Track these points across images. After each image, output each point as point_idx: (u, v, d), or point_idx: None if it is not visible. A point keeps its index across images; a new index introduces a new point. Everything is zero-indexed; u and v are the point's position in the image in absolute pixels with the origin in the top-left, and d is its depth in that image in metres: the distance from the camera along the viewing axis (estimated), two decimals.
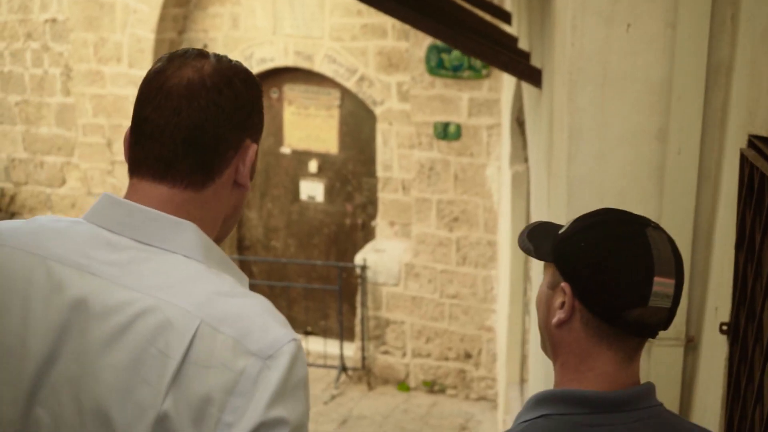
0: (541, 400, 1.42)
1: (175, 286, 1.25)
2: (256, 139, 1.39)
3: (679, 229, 2.59)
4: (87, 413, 1.24)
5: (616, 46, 2.56)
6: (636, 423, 1.39)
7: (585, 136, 2.66)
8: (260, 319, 1.24)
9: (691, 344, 2.66)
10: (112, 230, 1.31)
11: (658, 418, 1.42)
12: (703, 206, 2.58)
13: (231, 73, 1.35)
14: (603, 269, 1.37)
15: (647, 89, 2.57)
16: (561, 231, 1.48)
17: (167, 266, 1.27)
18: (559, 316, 1.42)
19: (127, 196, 1.35)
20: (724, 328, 2.28)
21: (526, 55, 4.05)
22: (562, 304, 1.42)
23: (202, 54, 1.36)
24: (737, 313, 2.21)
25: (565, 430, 1.38)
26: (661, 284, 1.37)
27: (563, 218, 2.79)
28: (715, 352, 2.41)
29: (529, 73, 3.78)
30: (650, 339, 1.46)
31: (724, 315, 2.34)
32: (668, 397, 2.68)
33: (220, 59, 1.37)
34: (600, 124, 2.63)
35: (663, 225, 2.61)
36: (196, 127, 1.31)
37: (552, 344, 1.47)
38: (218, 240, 1.39)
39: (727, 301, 2.33)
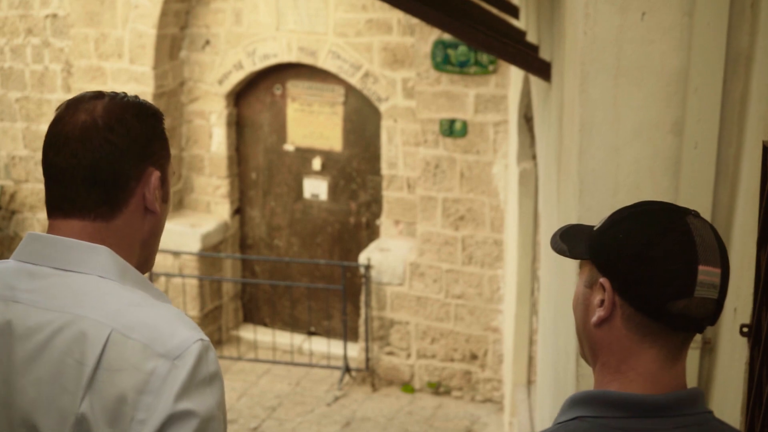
0: (577, 401, 1.35)
1: (88, 302, 1.37)
2: (162, 165, 1.50)
3: None
4: (17, 428, 1.38)
5: (630, 35, 2.50)
6: (678, 430, 1.31)
7: (597, 130, 2.58)
8: (168, 325, 1.37)
9: (708, 347, 2.58)
10: (35, 263, 1.44)
11: (705, 425, 1.34)
12: (721, 203, 2.50)
13: (122, 109, 1.46)
14: (643, 260, 1.31)
15: (663, 80, 2.50)
16: (596, 227, 1.42)
17: (82, 286, 1.40)
18: (598, 314, 1.35)
19: (47, 232, 1.48)
20: (745, 330, 2.19)
21: (534, 48, 3.95)
22: (602, 301, 1.35)
23: (97, 95, 1.49)
24: (759, 314, 2.12)
25: None
26: (707, 273, 1.30)
27: (574, 215, 2.70)
28: (734, 355, 2.32)
29: (537, 66, 3.69)
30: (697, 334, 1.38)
31: (744, 317, 2.25)
32: None
33: (114, 98, 1.48)
34: (613, 117, 2.56)
35: None
36: (92, 166, 1.43)
37: (591, 346, 1.39)
38: (144, 263, 1.53)
39: (747, 302, 2.23)
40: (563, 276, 3.10)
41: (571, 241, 1.44)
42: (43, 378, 1.36)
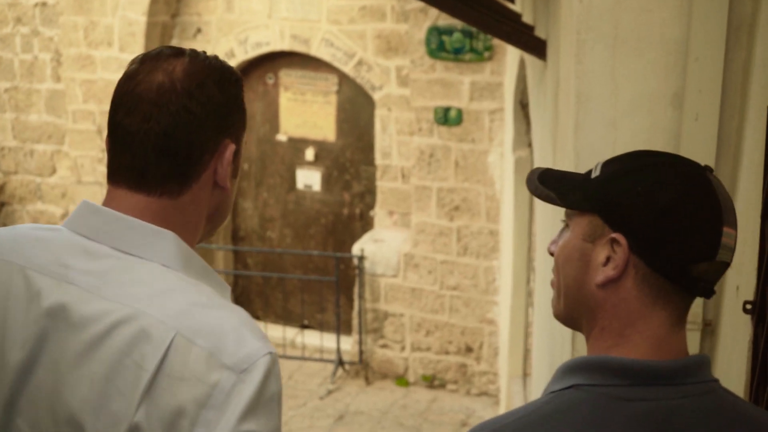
0: (573, 367, 1.23)
1: (152, 297, 1.26)
2: (237, 138, 1.39)
3: None
4: (62, 424, 1.25)
5: (628, 2, 2.43)
6: (683, 399, 1.19)
7: (594, 102, 2.50)
8: (236, 331, 1.25)
9: (709, 328, 2.50)
10: (91, 238, 1.32)
11: (712, 395, 1.22)
12: (723, 177, 2.39)
13: (204, 74, 1.34)
14: (669, 218, 1.19)
15: (662, 50, 2.42)
16: (594, 175, 1.28)
17: (145, 276, 1.28)
18: (606, 273, 1.22)
19: (105, 203, 1.35)
20: (748, 307, 2.10)
21: (530, 28, 3.85)
22: (608, 259, 1.22)
23: (176, 53, 1.35)
24: (763, 291, 2.05)
25: (597, 405, 1.18)
26: (729, 235, 1.21)
27: None
28: (737, 335, 2.24)
29: (533, 44, 3.60)
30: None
31: (747, 294, 2.16)
32: None
33: (195, 58, 1.36)
34: (610, 89, 2.48)
35: None
36: (167, 134, 1.31)
37: (590, 308, 1.26)
38: (207, 235, 1.43)
39: (750, 279, 2.15)
40: None
41: (559, 186, 1.30)
42: (97, 375, 1.24)
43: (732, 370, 2.26)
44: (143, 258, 1.30)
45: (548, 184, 1.31)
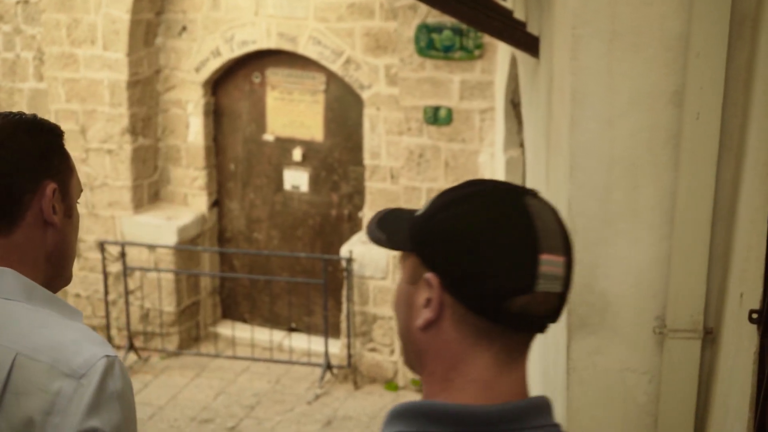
0: (398, 414, 1.15)
1: None
2: (62, 179, 1.54)
3: (696, 204, 2.35)
4: None
5: None
6: None
7: (590, 100, 2.41)
8: (74, 343, 1.40)
9: (710, 337, 2.41)
10: None
11: None
12: (725, 178, 2.33)
13: (14, 127, 1.52)
14: (477, 251, 1.11)
15: (661, 45, 2.33)
16: (420, 212, 1.20)
17: None
18: (425, 316, 1.15)
19: None
20: (754, 316, 2.01)
21: (522, 24, 3.74)
22: (428, 300, 1.15)
23: None
24: None
25: None
26: (550, 263, 1.12)
27: (564, 195, 2.50)
28: (741, 344, 2.13)
29: (525, 40, 3.49)
30: (536, 334, 1.17)
31: (752, 302, 2.06)
32: (683, 399, 2.41)
33: (7, 116, 1.54)
34: (607, 86, 2.39)
35: (679, 200, 2.37)
36: None
37: (417, 352, 1.19)
38: (57, 278, 1.56)
39: (756, 286, 2.06)
40: None
41: (391, 228, 1.22)
42: None
43: (735, 383, 2.16)
44: None
45: (383, 226, 1.23)
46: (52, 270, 1.56)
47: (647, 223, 2.40)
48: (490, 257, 1.10)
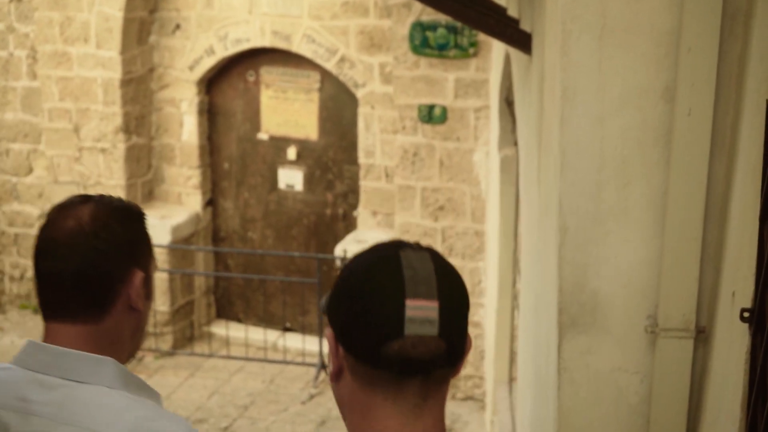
0: None
1: (104, 416, 1.47)
2: (145, 265, 1.62)
3: (688, 202, 2.32)
4: None
5: None
6: None
7: (580, 97, 2.38)
8: None
9: (702, 336, 2.38)
10: (42, 372, 1.53)
11: None
12: (717, 175, 2.30)
13: (107, 216, 1.57)
14: (352, 302, 1.21)
15: (653, 41, 2.29)
16: None
17: (95, 398, 1.50)
18: (330, 368, 1.27)
19: (45, 338, 1.58)
20: (746, 315, 1.98)
21: (515, 21, 3.71)
22: (330, 354, 1.27)
23: (85, 200, 1.60)
24: (762, 297, 1.92)
25: None
26: (417, 308, 1.18)
27: (555, 193, 2.48)
28: (732, 344, 2.11)
29: (517, 37, 3.46)
30: (424, 377, 1.22)
31: (744, 301, 2.03)
32: (675, 399, 2.38)
33: (100, 201, 1.60)
34: (597, 82, 2.36)
35: (670, 198, 2.33)
36: (80, 271, 1.53)
37: (338, 403, 1.30)
38: (132, 352, 1.66)
39: (747, 284, 2.04)
40: (544, 262, 2.87)
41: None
42: None
43: (728, 383, 2.13)
44: (90, 383, 1.52)
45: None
46: (133, 347, 1.65)
47: (638, 222, 2.37)
48: (361, 307, 1.19)
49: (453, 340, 1.21)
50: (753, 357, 1.97)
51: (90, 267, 1.54)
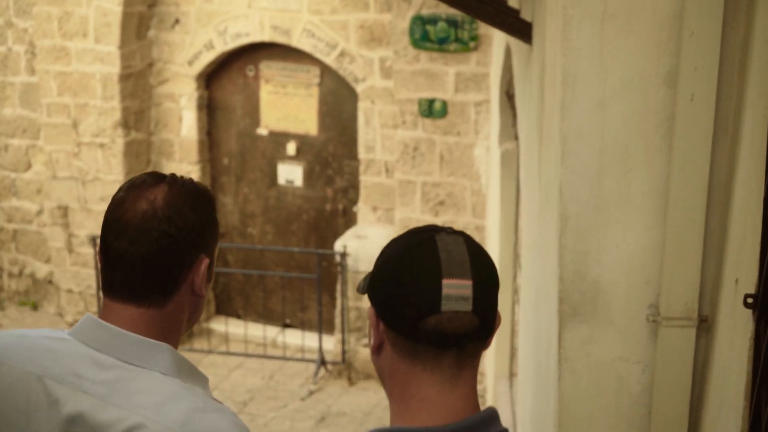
0: None
1: (157, 404, 1.46)
2: (211, 251, 1.60)
3: (690, 189, 2.29)
4: None
5: None
6: None
7: (581, 82, 2.35)
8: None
9: (705, 324, 2.35)
10: (98, 349, 1.52)
11: None
12: (720, 161, 2.27)
13: (181, 200, 1.55)
14: (393, 282, 1.33)
15: (654, 25, 2.25)
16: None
17: (149, 385, 1.49)
18: (371, 342, 1.39)
19: (103, 316, 1.57)
20: (750, 301, 1.94)
21: (515, 11, 3.68)
22: (372, 330, 1.39)
23: (158, 180, 1.58)
24: (766, 283, 1.89)
25: None
26: (452, 286, 1.30)
27: (556, 180, 2.45)
28: (736, 331, 2.08)
29: (518, 27, 3.43)
30: (460, 350, 1.34)
31: (747, 287, 2.00)
32: (677, 388, 2.35)
33: (173, 184, 1.58)
34: (599, 68, 2.32)
35: (672, 184, 2.30)
36: (150, 255, 1.53)
37: (378, 374, 1.42)
38: (188, 329, 1.66)
39: (751, 271, 2.01)
40: (545, 252, 2.83)
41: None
42: None
43: (731, 372, 2.10)
44: (145, 368, 1.51)
45: (367, 278, 1.43)
46: (189, 327, 1.66)
47: (640, 209, 2.34)
48: (401, 286, 1.31)
49: (485, 315, 1.32)
50: (756, 344, 1.94)
51: (160, 252, 1.53)
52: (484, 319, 1.32)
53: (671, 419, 2.37)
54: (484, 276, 1.33)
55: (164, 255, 1.53)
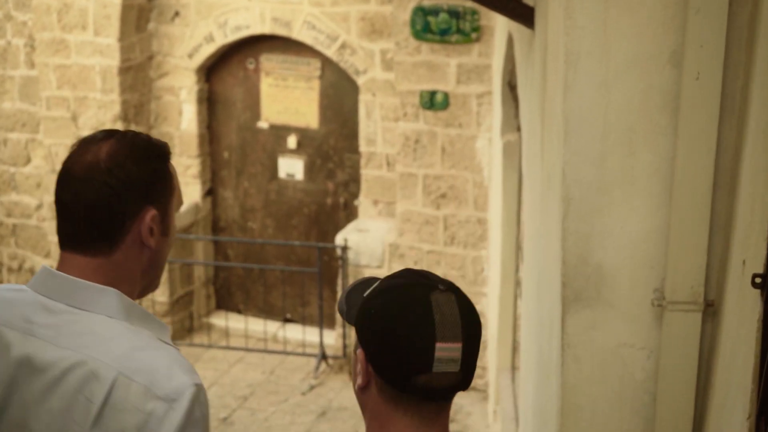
0: None
1: (99, 344, 1.57)
2: (163, 203, 1.67)
3: (696, 170, 2.24)
4: None
5: None
6: None
7: (584, 61, 2.30)
8: (167, 369, 1.57)
9: (711, 309, 2.30)
10: (50, 297, 1.64)
11: None
12: (726, 142, 2.23)
13: (124, 153, 1.62)
14: (388, 337, 1.41)
15: (659, 2, 2.21)
16: (366, 293, 1.50)
17: (93, 326, 1.60)
18: (358, 380, 1.46)
19: (58, 266, 1.68)
20: (758, 280, 1.90)
21: None
22: (360, 368, 1.46)
23: (108, 135, 1.66)
24: None
25: None
26: (445, 349, 1.39)
27: (559, 163, 2.40)
28: (743, 314, 2.03)
29: (520, 11, 3.38)
30: (443, 402, 1.46)
31: (755, 267, 1.96)
32: (683, 374, 2.31)
33: (122, 139, 1.65)
34: (602, 46, 2.28)
35: (678, 165, 2.25)
36: (92, 205, 1.61)
37: (360, 406, 1.50)
38: (148, 287, 1.73)
39: (759, 250, 1.97)
40: (547, 238, 2.79)
41: (354, 300, 1.51)
42: (56, 409, 1.55)
43: (738, 356, 2.05)
44: (92, 312, 1.61)
45: (349, 298, 1.53)
46: (147, 282, 1.71)
47: (644, 191, 2.29)
48: (396, 344, 1.39)
49: (469, 371, 1.43)
50: (765, 326, 1.89)
51: (101, 202, 1.60)
52: (467, 374, 1.43)
53: (677, 406, 2.32)
54: (472, 337, 1.43)
55: (105, 205, 1.61)
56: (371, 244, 6.91)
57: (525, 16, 3.37)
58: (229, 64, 7.56)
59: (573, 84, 2.32)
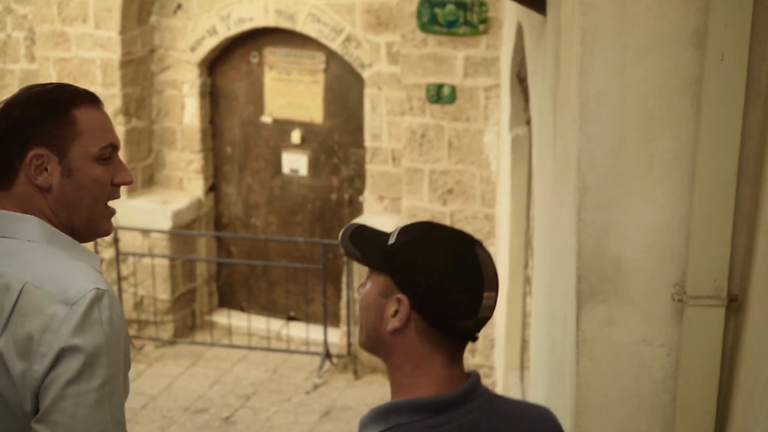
0: (389, 411, 1.59)
1: (15, 261, 1.73)
2: (56, 144, 1.77)
3: (720, 157, 2.15)
4: None
5: None
6: (470, 415, 1.60)
7: (601, 43, 2.20)
8: (72, 277, 1.71)
9: (735, 304, 2.21)
10: None
11: (486, 404, 1.64)
12: (752, 126, 2.14)
13: (14, 101, 1.80)
14: (442, 285, 1.56)
15: None
16: (390, 241, 1.61)
17: (12, 248, 1.75)
18: (393, 324, 1.58)
19: None
20: None
21: None
22: (396, 312, 1.57)
23: (25, 89, 1.84)
24: None
25: None
26: (489, 298, 1.59)
27: (574, 149, 2.30)
28: None
29: None
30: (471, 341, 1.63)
31: None
32: (704, 373, 2.20)
33: (29, 89, 1.83)
34: (620, 27, 2.17)
35: (700, 153, 2.12)
36: None
37: (385, 348, 1.62)
38: (80, 230, 1.83)
39: None
40: (560, 230, 2.68)
41: (364, 246, 1.62)
42: None
43: (764, 354, 1.95)
44: (14, 238, 1.76)
45: (356, 242, 1.63)
46: (66, 220, 1.81)
47: (665, 179, 2.20)
48: (449, 292, 1.56)
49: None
50: None
51: None
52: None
53: (698, 406, 2.23)
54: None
55: None
56: None
57: (536, 1, 3.27)
58: (232, 57, 7.49)
59: (589, 67, 2.22)
